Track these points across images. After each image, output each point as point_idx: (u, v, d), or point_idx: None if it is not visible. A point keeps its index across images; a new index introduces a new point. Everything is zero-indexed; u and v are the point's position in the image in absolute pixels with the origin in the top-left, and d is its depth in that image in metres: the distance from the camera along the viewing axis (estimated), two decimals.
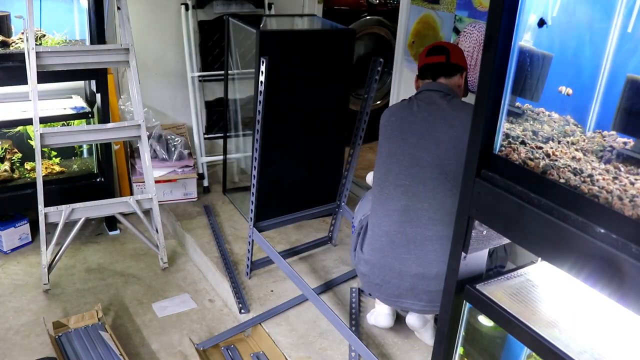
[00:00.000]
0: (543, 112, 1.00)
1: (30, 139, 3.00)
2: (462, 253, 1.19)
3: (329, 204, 2.77)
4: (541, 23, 0.96)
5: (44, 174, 2.73)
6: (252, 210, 2.49)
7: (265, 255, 2.65)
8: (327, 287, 2.58)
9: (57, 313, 2.48)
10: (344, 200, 2.75)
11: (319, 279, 2.63)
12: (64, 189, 2.90)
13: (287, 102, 2.80)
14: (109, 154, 3.03)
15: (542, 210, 0.99)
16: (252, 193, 2.48)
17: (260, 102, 2.33)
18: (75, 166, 3.13)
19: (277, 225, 2.68)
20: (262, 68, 2.28)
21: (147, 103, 3.36)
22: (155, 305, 2.58)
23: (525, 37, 0.99)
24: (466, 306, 1.24)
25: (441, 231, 1.90)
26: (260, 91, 2.31)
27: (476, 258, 1.22)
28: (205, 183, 3.49)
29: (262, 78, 2.29)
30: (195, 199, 3.38)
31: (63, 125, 2.91)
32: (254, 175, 2.45)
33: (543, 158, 1.00)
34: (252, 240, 2.54)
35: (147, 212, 2.80)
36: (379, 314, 2.25)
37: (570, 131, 0.96)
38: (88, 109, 2.94)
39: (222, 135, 3.46)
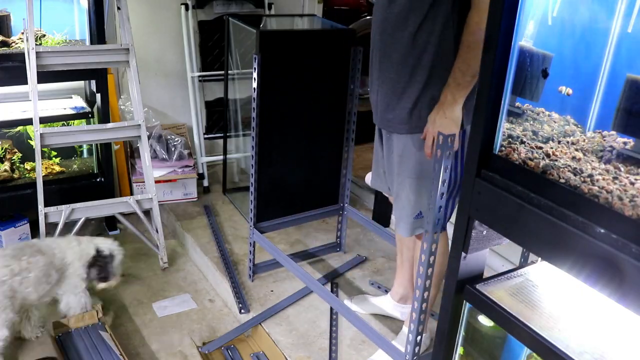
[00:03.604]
0: (543, 112, 1.00)
1: (30, 139, 3.00)
2: (462, 253, 1.19)
3: (331, 206, 2.75)
4: (545, 74, 0.97)
5: (44, 174, 2.73)
6: (251, 210, 2.49)
7: (266, 259, 2.64)
8: (321, 282, 2.59)
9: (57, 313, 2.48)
10: (346, 201, 2.73)
11: (324, 277, 2.64)
12: (64, 189, 2.90)
13: (287, 102, 2.79)
14: (109, 154, 3.03)
15: (542, 210, 0.99)
16: (251, 192, 2.47)
17: (254, 99, 2.33)
18: (75, 166, 3.12)
19: (279, 227, 2.66)
20: (255, 65, 2.27)
21: (147, 103, 3.36)
22: (155, 305, 2.58)
23: (525, 37, 0.99)
24: (466, 306, 1.24)
25: None
26: (254, 88, 2.30)
27: (476, 258, 1.22)
28: (205, 183, 3.49)
29: (255, 75, 2.28)
30: (195, 199, 3.38)
31: (63, 125, 2.92)
32: (252, 174, 2.44)
33: (543, 158, 1.00)
34: (254, 242, 2.54)
35: (147, 212, 2.80)
36: None
37: (570, 131, 0.96)
38: (88, 109, 2.94)
39: (222, 135, 3.46)
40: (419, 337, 1.72)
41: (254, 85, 2.30)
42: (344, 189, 2.71)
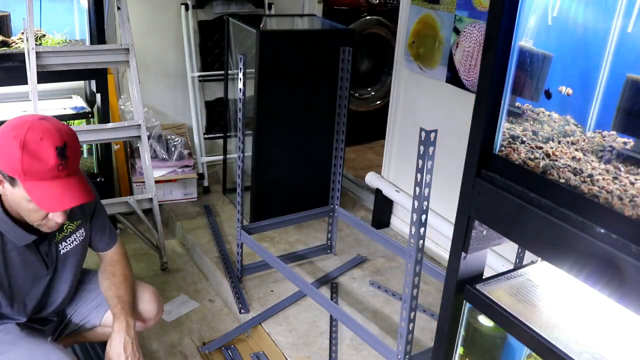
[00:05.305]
0: (543, 112, 1.00)
1: None
2: (462, 253, 1.19)
3: (322, 207, 2.72)
4: (548, 95, 0.97)
5: None
6: (239, 210, 2.48)
7: (261, 259, 2.64)
8: (322, 282, 2.59)
9: None
10: (337, 203, 2.68)
11: (317, 280, 2.63)
12: None
13: (287, 102, 2.80)
14: (109, 154, 3.03)
15: (542, 210, 0.99)
16: (238, 193, 2.46)
17: (240, 99, 2.31)
18: None
19: (268, 228, 2.65)
20: (241, 65, 2.25)
21: (147, 103, 3.35)
22: None
23: (525, 37, 0.99)
24: (466, 306, 1.24)
25: None
26: (240, 88, 2.29)
27: (476, 258, 1.22)
28: (205, 183, 3.49)
29: (240, 75, 2.26)
30: (195, 199, 3.38)
31: None
32: (239, 175, 2.43)
33: (543, 158, 1.00)
34: (242, 243, 2.53)
35: (147, 212, 2.80)
36: None
37: (570, 131, 0.95)
38: (88, 109, 2.94)
39: (222, 135, 3.46)
40: (410, 336, 1.72)
41: (240, 85, 2.29)
42: (334, 190, 2.67)
